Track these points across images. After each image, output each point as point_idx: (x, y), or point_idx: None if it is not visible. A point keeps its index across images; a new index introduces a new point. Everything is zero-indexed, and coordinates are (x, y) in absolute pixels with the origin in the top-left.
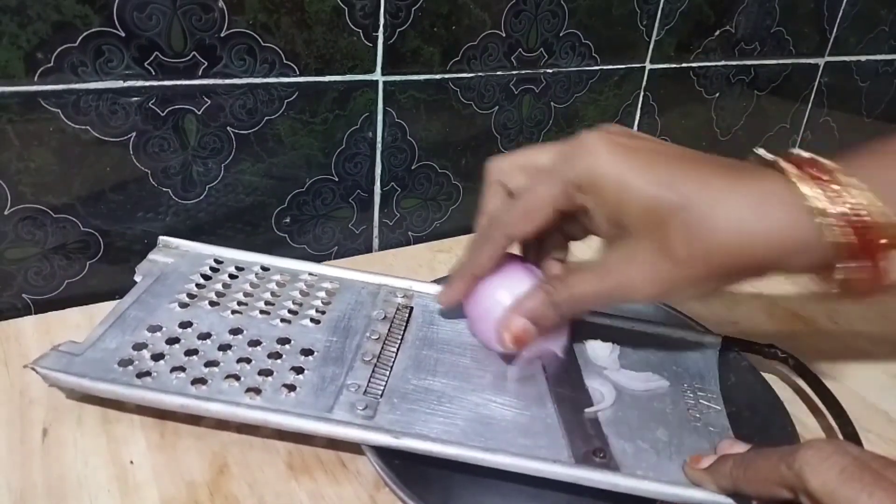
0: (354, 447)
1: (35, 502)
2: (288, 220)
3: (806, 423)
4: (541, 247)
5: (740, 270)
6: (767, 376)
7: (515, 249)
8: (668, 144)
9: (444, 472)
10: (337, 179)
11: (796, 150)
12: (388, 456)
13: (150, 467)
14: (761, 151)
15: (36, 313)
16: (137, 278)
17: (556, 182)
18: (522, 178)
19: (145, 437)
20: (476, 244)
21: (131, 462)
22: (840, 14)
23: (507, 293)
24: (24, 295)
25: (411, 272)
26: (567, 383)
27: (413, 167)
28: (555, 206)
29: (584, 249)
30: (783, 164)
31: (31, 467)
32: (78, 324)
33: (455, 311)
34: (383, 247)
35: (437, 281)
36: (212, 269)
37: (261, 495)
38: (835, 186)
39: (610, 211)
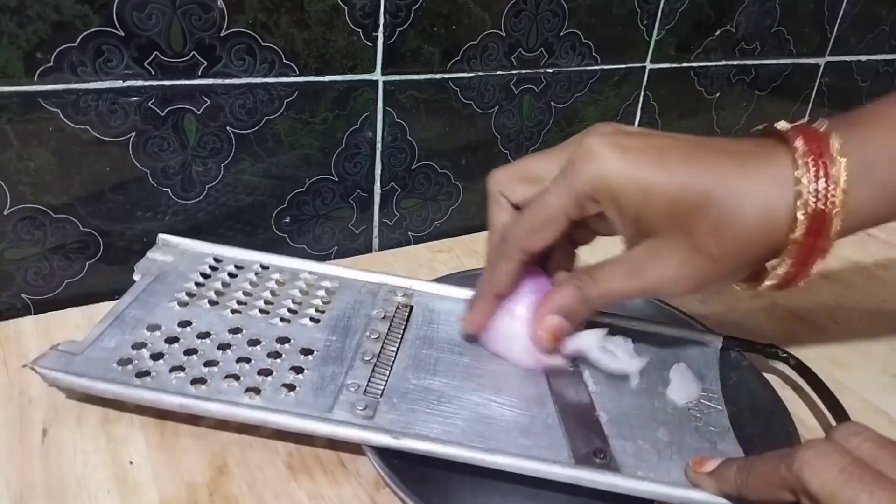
0: (354, 447)
1: (35, 502)
2: (288, 220)
3: (806, 423)
4: (548, 254)
5: (766, 255)
6: (768, 376)
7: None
8: (665, 136)
9: (444, 471)
10: (337, 179)
11: (811, 123)
12: (388, 455)
13: (149, 467)
14: (781, 124)
15: (35, 313)
16: (136, 277)
17: (566, 192)
18: (526, 189)
19: (145, 437)
20: (492, 263)
21: (131, 462)
22: (840, 14)
23: (523, 308)
24: (23, 295)
25: (411, 272)
26: (567, 383)
27: (413, 167)
28: (567, 216)
29: (589, 254)
30: (792, 139)
31: (31, 467)
32: (77, 324)
33: (455, 310)
34: (383, 247)
35: (437, 280)
36: (211, 267)
37: (260, 495)
38: (826, 161)
39: (630, 215)
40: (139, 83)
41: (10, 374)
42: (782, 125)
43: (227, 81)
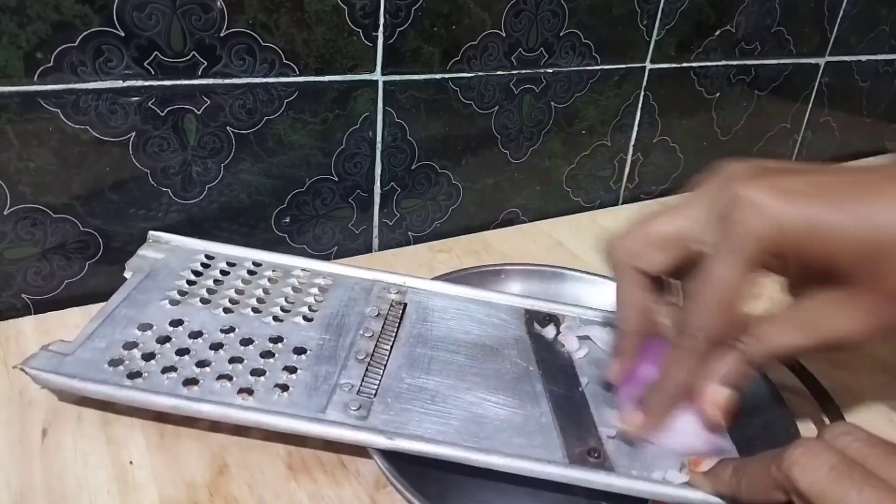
0: (355, 447)
1: (35, 502)
2: (287, 220)
3: (807, 422)
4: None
5: None
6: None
7: None
8: (819, 170)
9: (445, 469)
10: (337, 179)
11: None
12: (391, 453)
13: (149, 467)
14: None
15: (35, 313)
16: (127, 274)
17: (739, 258)
18: (668, 258)
19: (145, 438)
20: (675, 361)
21: (131, 462)
22: (840, 14)
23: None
24: (23, 295)
25: (411, 272)
26: (562, 382)
27: (413, 167)
28: (749, 284)
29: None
30: None
31: (31, 467)
32: (77, 324)
33: (449, 308)
34: (383, 247)
35: (434, 278)
36: (203, 264)
37: (260, 496)
38: None
39: (808, 264)
40: (139, 83)
41: (9, 374)
42: None
43: (227, 81)
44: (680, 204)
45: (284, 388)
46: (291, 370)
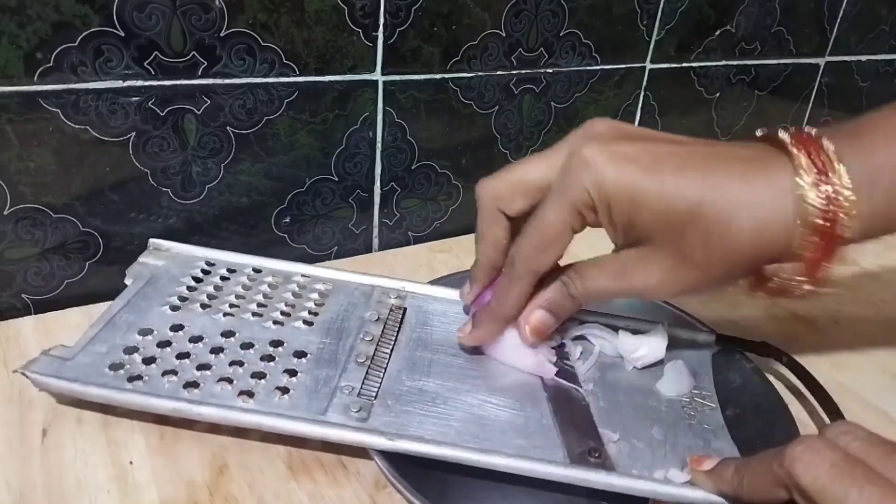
0: (355, 448)
1: (35, 502)
2: (287, 220)
3: (806, 422)
4: None
5: (754, 266)
6: (770, 377)
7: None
8: (662, 140)
9: (445, 469)
10: (337, 179)
11: (807, 129)
12: (392, 454)
13: (149, 468)
14: (781, 132)
15: (35, 313)
16: (128, 281)
17: (566, 205)
18: (521, 200)
19: (145, 438)
20: (500, 285)
21: (131, 462)
22: (840, 14)
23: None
24: (23, 295)
25: (411, 272)
26: (562, 383)
27: (413, 167)
28: (571, 229)
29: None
30: (793, 149)
31: (31, 468)
32: (77, 324)
33: (449, 312)
34: (383, 247)
35: (431, 282)
36: (203, 271)
37: (260, 496)
38: (828, 172)
39: (622, 223)
40: (139, 83)
41: (9, 374)
42: (782, 133)
43: (227, 81)
44: (544, 153)
45: (285, 390)
46: (292, 373)
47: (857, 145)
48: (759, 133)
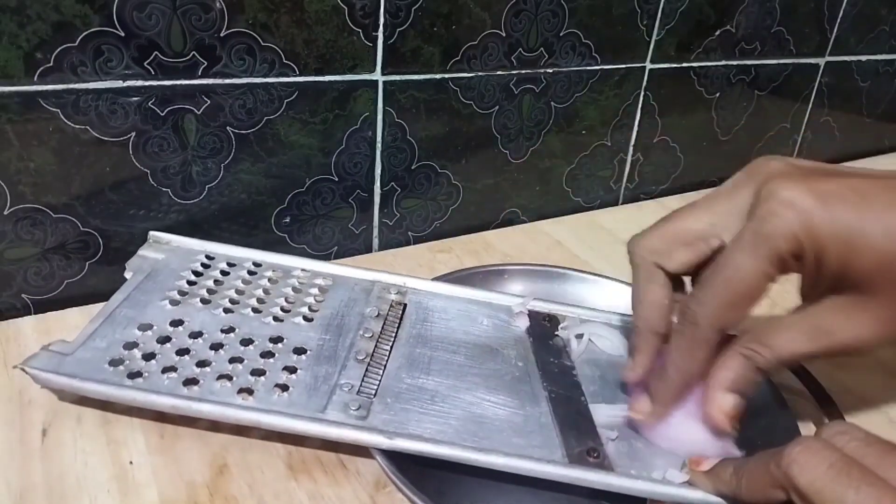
0: (355, 447)
1: (35, 502)
2: (287, 220)
3: (807, 423)
4: None
5: None
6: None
7: None
8: (857, 174)
9: (445, 468)
10: (337, 179)
11: None
12: (392, 451)
13: (149, 467)
14: None
15: (35, 313)
16: (128, 275)
17: (764, 253)
18: (683, 253)
19: (145, 438)
20: (679, 350)
21: (131, 462)
22: (840, 14)
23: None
24: (23, 295)
25: (411, 272)
26: (561, 382)
27: (413, 167)
28: (769, 280)
29: None
30: None
31: (31, 467)
32: (77, 324)
33: (449, 308)
34: (383, 247)
35: (435, 278)
36: (203, 265)
37: (260, 496)
38: None
39: (833, 270)
40: (139, 83)
41: (9, 374)
42: None
43: (227, 81)
44: (706, 200)
45: (284, 388)
46: (291, 370)
47: None
48: None
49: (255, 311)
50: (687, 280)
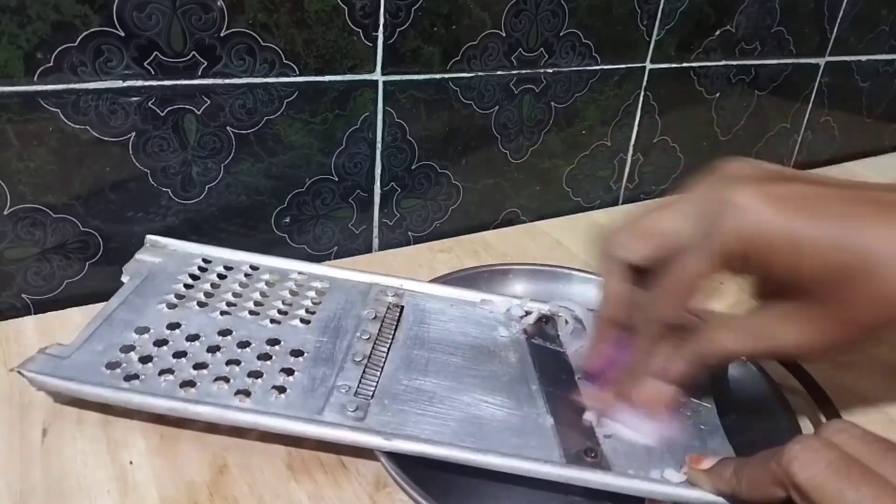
0: (354, 448)
1: (35, 502)
2: (287, 220)
3: (807, 422)
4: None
5: None
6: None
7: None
8: (815, 181)
9: (445, 469)
10: (337, 179)
11: None
12: (395, 453)
13: (149, 468)
14: None
15: (35, 313)
16: (125, 279)
17: (708, 254)
18: (649, 249)
19: (145, 438)
20: (636, 342)
21: (131, 462)
22: (840, 14)
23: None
24: (23, 295)
25: (411, 272)
26: (558, 382)
27: (413, 167)
28: (711, 279)
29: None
30: None
31: (31, 467)
32: (77, 324)
33: (446, 310)
34: (383, 247)
35: (436, 279)
36: (200, 268)
37: (260, 496)
38: None
39: (780, 275)
40: (139, 83)
41: (9, 374)
42: None
43: (227, 81)
44: (673, 200)
45: (282, 389)
46: (289, 372)
47: None
48: None
49: (252, 313)
50: None
